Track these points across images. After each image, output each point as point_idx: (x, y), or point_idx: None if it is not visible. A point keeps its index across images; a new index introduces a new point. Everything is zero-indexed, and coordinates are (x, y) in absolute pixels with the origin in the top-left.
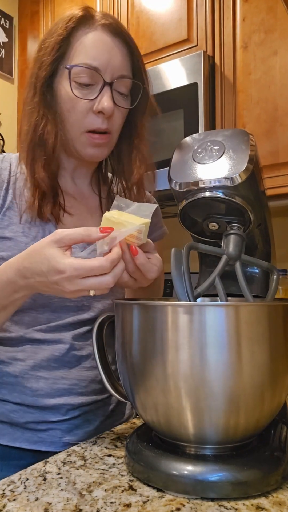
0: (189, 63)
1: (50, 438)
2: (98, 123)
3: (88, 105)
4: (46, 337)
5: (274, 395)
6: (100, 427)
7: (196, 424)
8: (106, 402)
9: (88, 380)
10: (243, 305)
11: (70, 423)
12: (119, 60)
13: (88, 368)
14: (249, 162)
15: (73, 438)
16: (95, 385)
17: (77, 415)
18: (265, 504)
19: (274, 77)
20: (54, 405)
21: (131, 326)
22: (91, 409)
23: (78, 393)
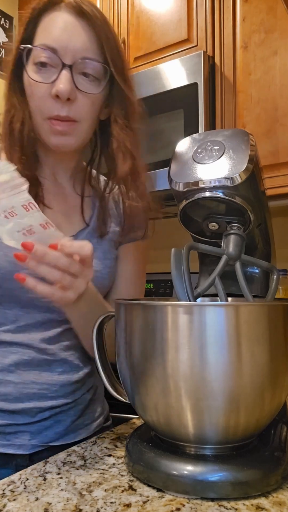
0: (189, 63)
1: (19, 441)
2: (57, 108)
3: (46, 89)
4: (15, 339)
5: (274, 395)
6: (70, 427)
7: (196, 424)
8: (78, 402)
9: (59, 385)
10: (243, 305)
11: (40, 425)
12: (82, 41)
13: (59, 373)
14: (249, 162)
15: (43, 439)
16: (66, 389)
17: (47, 416)
18: (265, 504)
19: (274, 77)
20: (23, 409)
21: (131, 326)
22: (62, 410)
23: (48, 397)
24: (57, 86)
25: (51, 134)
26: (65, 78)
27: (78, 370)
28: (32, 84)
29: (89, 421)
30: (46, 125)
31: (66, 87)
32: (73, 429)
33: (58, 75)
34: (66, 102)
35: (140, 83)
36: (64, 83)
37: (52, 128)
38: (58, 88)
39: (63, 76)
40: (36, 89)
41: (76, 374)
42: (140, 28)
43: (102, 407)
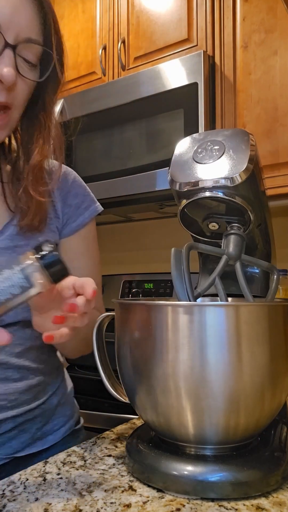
0: (189, 63)
1: None
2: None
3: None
4: None
5: (274, 395)
6: (37, 434)
7: (196, 424)
8: (43, 408)
9: (18, 392)
10: (243, 305)
11: (4, 436)
12: (27, 20)
13: (16, 380)
14: (249, 162)
15: (7, 451)
16: (27, 395)
17: (9, 428)
18: (265, 505)
19: (274, 77)
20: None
21: (131, 326)
22: (26, 419)
23: (8, 407)
24: (0, 69)
25: None
26: (10, 60)
27: (37, 372)
28: None
29: (58, 426)
30: None
31: (10, 72)
32: (40, 437)
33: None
34: (6, 87)
35: (140, 83)
36: (8, 67)
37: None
38: (2, 73)
39: (7, 57)
40: None
41: (36, 376)
42: (140, 27)
43: (72, 410)
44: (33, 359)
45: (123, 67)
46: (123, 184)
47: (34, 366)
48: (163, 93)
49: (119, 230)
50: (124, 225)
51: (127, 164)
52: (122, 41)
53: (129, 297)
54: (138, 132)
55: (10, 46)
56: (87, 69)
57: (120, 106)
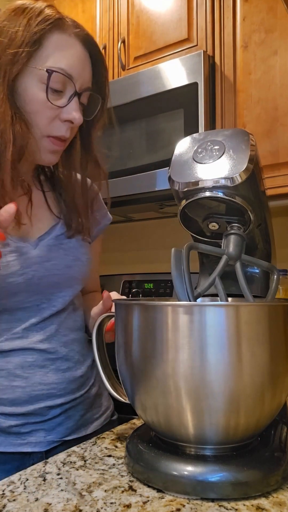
0: (189, 63)
1: (34, 439)
2: (63, 131)
3: (56, 111)
4: (14, 346)
5: (274, 395)
6: (80, 421)
7: (196, 424)
8: (85, 397)
9: (66, 382)
10: (243, 305)
11: (52, 422)
12: (89, 72)
13: (64, 370)
14: (249, 162)
15: (57, 436)
16: (73, 385)
17: (58, 413)
18: (265, 505)
19: (274, 77)
20: (34, 410)
21: (131, 326)
22: (71, 406)
23: (57, 395)
24: (71, 114)
25: (46, 151)
26: (77, 106)
27: (80, 364)
28: (43, 103)
29: (98, 414)
30: (45, 142)
31: (80, 116)
32: (83, 423)
33: (69, 101)
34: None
35: (140, 83)
36: (77, 112)
37: (51, 147)
38: (74, 117)
39: (75, 104)
40: (46, 109)
41: (79, 369)
42: (140, 27)
43: (108, 401)
44: (77, 351)
45: (123, 67)
46: (123, 184)
47: (77, 358)
48: (163, 93)
49: (119, 230)
50: (124, 225)
51: (127, 164)
52: (122, 41)
53: (129, 297)
54: (138, 132)
55: (77, 94)
56: None
57: (120, 106)
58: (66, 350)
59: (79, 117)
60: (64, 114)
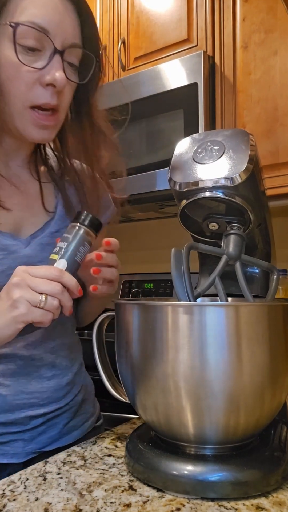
0: (189, 63)
1: (12, 449)
2: (47, 97)
3: (35, 75)
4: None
5: (274, 395)
6: (63, 430)
7: (196, 424)
8: (70, 405)
9: (50, 391)
10: (243, 305)
11: (33, 431)
12: (71, 26)
13: (49, 378)
14: (249, 162)
15: (37, 446)
16: (58, 393)
17: (40, 423)
18: (265, 504)
19: (274, 77)
20: (14, 419)
21: (131, 326)
22: (55, 415)
23: (39, 405)
24: (52, 75)
25: (32, 126)
26: (60, 66)
27: (67, 371)
28: (17, 66)
29: (82, 422)
30: (28, 114)
31: (62, 76)
32: (66, 432)
33: (49, 61)
34: (56, 91)
35: (140, 83)
36: (60, 72)
37: (36, 121)
38: (55, 77)
39: (57, 63)
40: (22, 73)
41: (66, 376)
42: (140, 28)
43: (94, 407)
44: (64, 356)
45: (123, 67)
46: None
47: (64, 364)
48: (163, 93)
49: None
50: (124, 225)
51: (127, 164)
52: (122, 42)
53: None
54: (138, 132)
55: (59, 52)
56: None
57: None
58: (52, 356)
59: (60, 77)
60: (44, 76)
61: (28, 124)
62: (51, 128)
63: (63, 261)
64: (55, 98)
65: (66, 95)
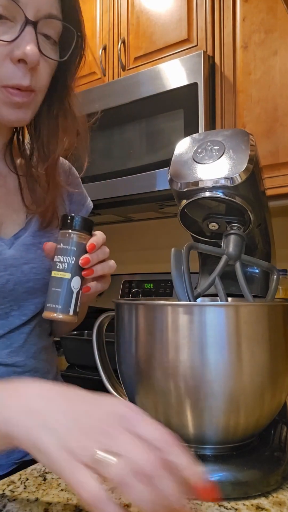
0: (189, 63)
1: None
2: (19, 76)
3: (4, 49)
4: None
5: (274, 395)
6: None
7: (196, 424)
8: None
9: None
10: (243, 305)
11: None
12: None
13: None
14: (249, 162)
15: (18, 456)
16: None
17: None
18: (265, 504)
19: (274, 77)
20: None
21: (131, 326)
22: None
23: None
24: (23, 48)
25: (5, 106)
26: (32, 39)
27: (47, 375)
28: None
29: None
30: (1, 94)
31: (34, 51)
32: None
33: (20, 33)
34: (30, 69)
35: (140, 83)
36: (32, 46)
37: (9, 99)
38: (25, 51)
39: (28, 35)
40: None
41: (47, 379)
42: (140, 28)
43: None
44: (45, 360)
45: (123, 67)
46: (123, 184)
47: (46, 369)
48: (163, 93)
49: (119, 230)
50: (124, 225)
51: (127, 164)
52: (122, 41)
53: (129, 297)
54: (138, 132)
55: (31, 22)
56: (87, 69)
57: (120, 106)
58: (34, 361)
59: (32, 51)
60: (14, 51)
61: (1, 105)
62: (25, 107)
63: (77, 278)
64: (28, 77)
65: (42, 74)
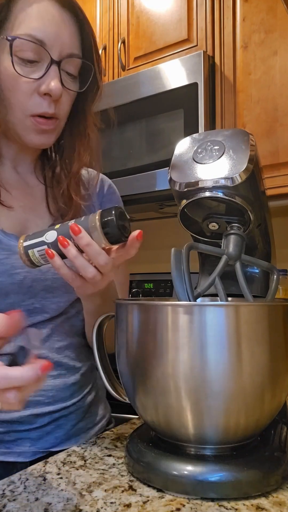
0: (189, 63)
1: (18, 448)
2: (45, 106)
3: (32, 85)
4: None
5: (274, 395)
6: (71, 431)
7: (196, 424)
8: (78, 406)
9: (56, 389)
10: (243, 305)
11: (40, 431)
12: (68, 36)
13: (54, 376)
14: (249, 162)
15: (44, 445)
16: (64, 393)
17: (46, 422)
18: (265, 505)
19: (274, 77)
20: (20, 417)
21: (131, 326)
22: (61, 415)
23: (45, 403)
24: (49, 84)
25: (32, 132)
26: (56, 76)
27: (74, 371)
28: (15, 78)
29: (91, 424)
30: (29, 122)
31: (58, 86)
32: (75, 434)
33: (46, 72)
34: (54, 100)
35: (140, 83)
36: (56, 82)
37: (35, 126)
38: (50, 87)
39: (53, 73)
40: (20, 84)
41: (73, 376)
42: (140, 28)
43: (104, 409)
44: (72, 358)
45: (123, 67)
46: (123, 184)
47: (71, 364)
48: (163, 93)
49: None
50: None
51: (127, 164)
52: (122, 41)
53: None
54: (138, 132)
55: (55, 62)
56: None
57: (120, 106)
58: (58, 356)
59: (56, 87)
60: (41, 86)
61: (29, 131)
62: (50, 132)
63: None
64: (52, 107)
65: (64, 103)
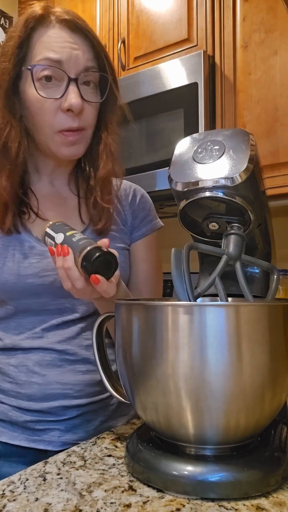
0: (189, 63)
1: (48, 437)
2: (69, 121)
3: (55, 104)
4: (34, 345)
5: (275, 395)
6: (100, 427)
7: (196, 424)
8: (106, 403)
9: (83, 384)
10: (243, 305)
11: (69, 422)
12: (82, 54)
13: (83, 372)
14: (249, 162)
15: (72, 437)
16: (91, 388)
17: (75, 415)
18: (265, 505)
19: (274, 76)
20: (49, 408)
21: (131, 326)
22: (89, 410)
23: (73, 396)
24: (69, 100)
25: (62, 146)
26: (74, 92)
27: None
28: (40, 101)
29: (120, 424)
30: (58, 137)
31: (77, 101)
32: (104, 430)
33: (66, 90)
34: (76, 114)
35: (140, 83)
36: (75, 98)
37: (64, 140)
38: (71, 103)
39: (72, 90)
40: (45, 105)
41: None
42: (140, 27)
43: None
44: None
45: (123, 67)
46: None
47: None
48: (163, 93)
49: None
50: None
51: (127, 164)
52: (122, 41)
53: None
54: (138, 132)
55: (73, 79)
56: None
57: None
58: (87, 353)
59: (76, 102)
60: (63, 103)
61: (59, 145)
62: (78, 143)
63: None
64: (76, 120)
65: (87, 115)
